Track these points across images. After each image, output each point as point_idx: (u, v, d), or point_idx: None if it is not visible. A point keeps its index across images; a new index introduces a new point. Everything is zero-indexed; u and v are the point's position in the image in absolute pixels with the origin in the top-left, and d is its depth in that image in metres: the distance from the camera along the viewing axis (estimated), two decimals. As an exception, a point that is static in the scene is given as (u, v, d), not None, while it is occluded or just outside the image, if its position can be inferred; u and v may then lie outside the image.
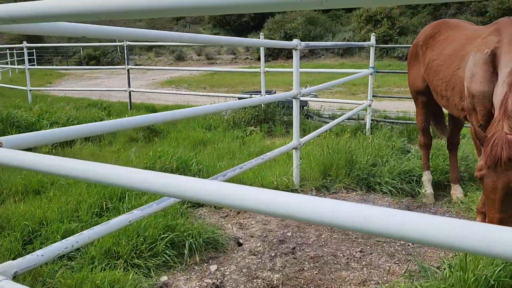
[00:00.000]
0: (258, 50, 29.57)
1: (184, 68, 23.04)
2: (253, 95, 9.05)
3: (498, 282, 2.64)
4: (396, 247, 3.72)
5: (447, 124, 5.07)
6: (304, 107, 9.66)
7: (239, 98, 9.93)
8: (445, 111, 4.88)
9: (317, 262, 3.51)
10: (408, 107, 10.80)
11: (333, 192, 5.05)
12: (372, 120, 8.34)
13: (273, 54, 29.21)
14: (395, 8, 28.55)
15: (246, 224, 4.19)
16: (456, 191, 4.75)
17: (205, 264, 3.41)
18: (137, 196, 4.14)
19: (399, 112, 10.29)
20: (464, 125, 5.06)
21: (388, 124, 8.34)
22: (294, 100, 5.09)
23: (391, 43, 26.23)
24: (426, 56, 4.32)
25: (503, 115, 2.92)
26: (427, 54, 4.31)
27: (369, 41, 8.14)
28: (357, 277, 3.27)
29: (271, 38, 25.29)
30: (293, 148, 5.16)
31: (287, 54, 28.78)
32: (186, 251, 3.37)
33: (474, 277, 2.58)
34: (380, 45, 9.71)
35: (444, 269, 2.82)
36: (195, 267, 3.35)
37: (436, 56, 4.10)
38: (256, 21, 33.15)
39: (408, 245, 3.74)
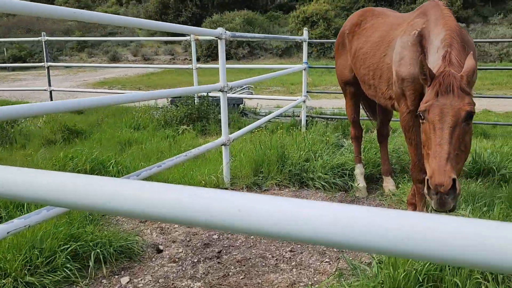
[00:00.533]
0: (196, 51, 29.05)
1: (112, 65, 21.77)
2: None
3: (428, 276, 2.48)
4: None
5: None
6: (240, 105, 9.40)
7: (172, 97, 9.49)
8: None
9: (244, 265, 3.22)
10: (344, 104, 10.90)
11: (265, 190, 4.80)
12: (307, 116, 8.24)
13: (212, 55, 28.79)
14: (330, 10, 29.23)
15: (168, 228, 3.81)
16: (388, 184, 4.67)
17: (116, 277, 2.99)
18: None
19: (335, 109, 10.34)
20: (393, 118, 5.02)
21: (323, 120, 8.28)
22: (221, 93, 4.78)
23: (327, 44, 26.76)
24: (353, 45, 4.19)
25: (448, 64, 2.75)
26: (354, 42, 4.18)
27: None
28: (285, 279, 3.01)
29: (209, 41, 24.92)
30: (222, 145, 4.85)
31: (226, 56, 28.48)
32: (91, 263, 2.93)
33: (405, 273, 2.40)
34: (313, 40, 9.68)
35: (374, 266, 2.62)
36: (103, 280, 2.93)
37: (362, 44, 3.97)
38: (194, 21, 32.56)
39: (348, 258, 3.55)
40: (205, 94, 8.57)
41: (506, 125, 7.85)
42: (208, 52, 28.47)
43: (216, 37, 4.64)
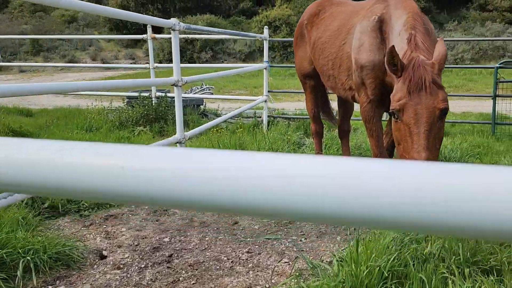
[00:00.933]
0: (158, 55, 28.46)
1: (67, 65, 20.84)
2: (142, 93, 8.28)
3: (392, 272, 2.30)
4: (287, 244, 3.30)
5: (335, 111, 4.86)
6: (200, 106, 9.11)
7: (128, 97, 9.09)
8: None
9: (197, 269, 2.95)
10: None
11: (223, 190, 4.54)
12: (269, 116, 8.06)
13: (175, 59, 28.33)
14: (292, 15, 29.42)
15: (114, 232, 3.48)
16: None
17: (49, 287, 2.65)
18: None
19: (297, 110, 10.23)
20: (353, 117, 4.89)
21: (285, 120, 8.12)
22: (175, 88, 4.50)
23: (290, 48, 26.88)
24: (312, 35, 4.02)
25: (414, 48, 2.61)
26: (312, 33, 4.01)
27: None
28: (241, 282, 2.76)
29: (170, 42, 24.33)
30: (177, 143, 4.56)
31: (188, 59, 28.07)
32: (18, 273, 2.57)
33: (367, 270, 2.20)
34: (273, 39, 9.57)
35: (334, 264, 2.42)
36: (33, 292, 2.58)
37: (321, 34, 3.81)
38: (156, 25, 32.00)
39: (300, 240, 3.35)
40: (163, 94, 8.25)
41: (464, 123, 7.98)
42: (170, 56, 27.90)
43: (170, 28, 4.36)
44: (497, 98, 7.55)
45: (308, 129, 7.21)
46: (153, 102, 8.05)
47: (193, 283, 2.76)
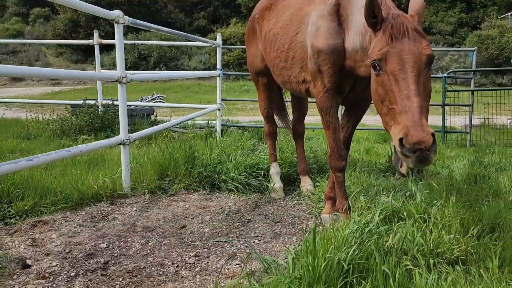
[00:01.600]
0: (109, 69, 27.57)
1: None
2: (87, 101, 7.80)
3: (353, 265, 2.08)
4: (239, 246, 3.01)
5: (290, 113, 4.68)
6: (151, 116, 8.71)
7: (72, 106, 8.57)
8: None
9: (136, 276, 2.60)
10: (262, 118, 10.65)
11: (171, 194, 4.21)
12: (222, 125, 7.81)
13: (127, 75, 27.57)
14: (248, 33, 29.64)
15: (42, 239, 3.06)
16: (306, 183, 4.33)
17: (-48, 300, 2.21)
18: None
19: (252, 122, 10.06)
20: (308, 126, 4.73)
21: (239, 129, 7.90)
22: (119, 85, 4.16)
23: (245, 65, 26.99)
24: (263, 29, 3.84)
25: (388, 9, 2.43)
26: (264, 26, 3.84)
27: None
28: (186, 287, 2.44)
29: (125, 59, 23.58)
30: (120, 144, 4.19)
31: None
32: None
33: (325, 262, 1.97)
34: (227, 46, 9.47)
35: (289, 259, 2.16)
36: None
37: (272, 25, 3.64)
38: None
39: (253, 242, 3.08)
40: (110, 102, 7.82)
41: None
42: (123, 72, 27.17)
43: (112, 20, 4.04)
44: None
45: (262, 137, 7.02)
46: (99, 110, 7.60)
47: (131, 291, 2.41)
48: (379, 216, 2.53)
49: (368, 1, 2.28)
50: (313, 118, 9.56)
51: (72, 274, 2.59)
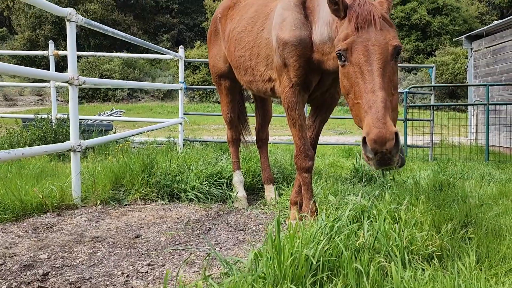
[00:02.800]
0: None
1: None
2: (39, 116, 7.36)
3: (322, 263, 1.88)
4: (198, 253, 2.75)
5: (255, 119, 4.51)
6: (109, 131, 8.33)
7: (23, 120, 8.10)
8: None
9: (79, 287, 2.28)
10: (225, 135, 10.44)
11: (126, 205, 3.89)
12: (185, 140, 7.55)
13: (87, 96, 26.81)
14: (212, 56, 29.72)
15: (-28, 250, 2.68)
16: (270, 192, 4.14)
17: None
18: None
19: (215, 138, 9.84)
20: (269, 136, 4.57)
21: (202, 144, 7.65)
22: (70, 87, 3.87)
23: (210, 89, 26.89)
24: (226, 28, 3.70)
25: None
26: (227, 25, 3.69)
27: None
28: (136, 297, 2.16)
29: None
30: (70, 150, 3.87)
31: (103, 97, 26.77)
32: None
33: (292, 257, 1.76)
34: (190, 59, 9.28)
35: (250, 256, 1.93)
36: None
37: (236, 24, 3.49)
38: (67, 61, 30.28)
39: (214, 249, 2.82)
40: (65, 116, 7.41)
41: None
42: (83, 93, 26.45)
43: (64, 18, 3.79)
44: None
45: (226, 151, 6.80)
46: (53, 124, 7.17)
47: (72, 303, 2.10)
48: (348, 214, 2.36)
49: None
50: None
51: (4, 287, 2.24)
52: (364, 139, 1.99)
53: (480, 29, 10.55)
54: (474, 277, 1.82)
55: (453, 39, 15.09)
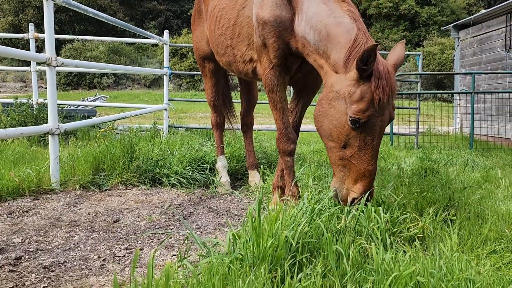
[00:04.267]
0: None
1: None
2: (18, 101, 7.18)
3: (302, 244, 1.83)
4: (178, 237, 2.70)
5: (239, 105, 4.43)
6: (93, 117, 8.17)
7: (3, 105, 7.90)
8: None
9: (53, 271, 2.21)
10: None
11: (107, 190, 3.81)
12: (169, 126, 7.44)
13: (72, 83, 26.34)
14: (200, 44, 29.38)
15: None
16: (254, 178, 4.09)
17: None
18: None
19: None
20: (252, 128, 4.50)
21: (187, 130, 7.55)
22: (47, 68, 3.74)
23: (197, 76, 26.62)
24: (209, 7, 3.59)
25: (364, 34, 2.37)
26: (209, 5, 3.58)
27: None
28: (111, 281, 2.09)
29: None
30: (48, 133, 3.76)
31: (88, 84, 26.33)
32: None
33: (273, 239, 1.70)
34: (176, 44, 9.16)
35: (228, 237, 1.88)
36: None
37: (218, 1, 3.38)
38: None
39: (195, 232, 2.77)
40: (46, 101, 7.23)
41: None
42: (68, 80, 26.02)
43: (40, -4, 3.64)
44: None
45: (211, 137, 6.73)
46: (34, 109, 7.00)
47: (44, 287, 2.03)
48: (330, 196, 2.31)
49: (368, 49, 2.13)
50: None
51: (-27, 271, 2.16)
52: (353, 197, 2.29)
53: (467, 18, 10.57)
54: (455, 259, 1.79)
55: (441, 29, 15.12)
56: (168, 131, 7.14)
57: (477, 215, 2.51)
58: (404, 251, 1.96)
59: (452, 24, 11.11)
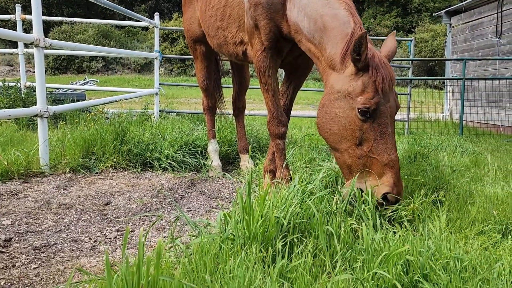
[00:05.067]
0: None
1: None
2: (4, 83, 7.07)
3: (293, 224, 1.85)
4: (169, 219, 2.70)
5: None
6: (82, 101, 8.07)
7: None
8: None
9: (44, 253, 2.20)
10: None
11: (97, 173, 3.79)
12: (160, 111, 7.39)
13: (61, 67, 25.95)
14: (191, 29, 29.02)
15: None
16: (246, 162, 4.09)
17: None
18: None
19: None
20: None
21: (178, 114, 7.51)
22: (35, 49, 3.68)
23: (189, 61, 26.39)
24: (200, -12, 3.54)
25: (360, 28, 2.36)
26: (201, -15, 3.53)
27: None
28: (103, 261, 2.09)
29: (59, 56, 21.78)
30: (36, 116, 3.71)
31: (77, 69, 25.95)
32: None
33: (262, 219, 1.71)
34: (166, 27, 9.07)
35: (219, 218, 1.88)
36: None
37: None
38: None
39: (183, 212, 2.77)
40: (34, 84, 7.12)
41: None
42: (56, 64, 25.63)
43: (27, -25, 3.55)
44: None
45: (203, 122, 6.70)
46: (22, 92, 6.90)
47: (35, 267, 2.02)
48: (322, 177, 2.32)
49: (358, 39, 2.15)
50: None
51: (-38, 252, 2.14)
52: (385, 194, 2.18)
53: (459, 4, 10.56)
54: (444, 239, 1.82)
55: (433, 15, 15.12)
56: (159, 115, 7.09)
57: (466, 197, 2.55)
58: (394, 232, 1.98)
59: (444, 10, 11.11)
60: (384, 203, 2.18)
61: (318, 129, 2.45)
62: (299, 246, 1.73)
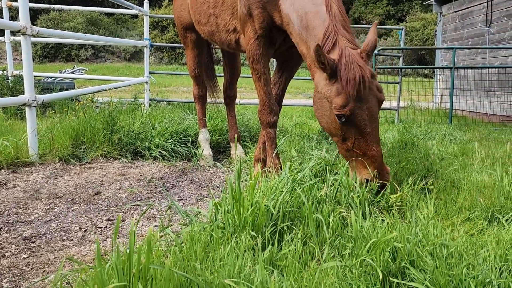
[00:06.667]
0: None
1: None
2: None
3: (283, 212, 1.86)
4: (160, 208, 2.70)
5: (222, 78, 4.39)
6: (71, 89, 7.98)
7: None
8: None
9: (33, 242, 2.20)
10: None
11: (87, 162, 3.77)
12: (151, 100, 7.34)
13: (49, 55, 25.58)
14: (181, 16, 28.69)
15: None
16: (237, 151, 4.09)
17: None
18: None
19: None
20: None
21: (169, 103, 7.47)
22: (22, 37, 3.62)
23: (179, 49, 26.15)
24: (191, -25, 3.49)
25: (334, 25, 2.34)
26: (192, -29, 3.48)
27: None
28: (93, 251, 2.09)
29: (47, 44, 21.27)
30: (24, 105, 3.67)
31: (66, 57, 25.60)
32: None
33: (252, 207, 1.72)
34: (155, 15, 9.00)
35: (210, 206, 1.89)
36: None
37: None
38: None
39: (173, 201, 2.78)
40: (22, 73, 7.02)
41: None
42: (44, 52, 25.25)
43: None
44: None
45: (194, 110, 6.67)
46: (9, 80, 6.80)
47: (25, 257, 2.02)
48: (312, 166, 2.34)
49: (315, 50, 2.19)
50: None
51: (-50, 243, 2.13)
52: (366, 180, 2.27)
53: (449, -7, 10.57)
54: (431, 226, 1.85)
55: (424, 3, 15.13)
56: (150, 104, 7.05)
57: (453, 185, 2.58)
58: (383, 220, 2.01)
59: (435, -1, 11.11)
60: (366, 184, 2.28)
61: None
62: (289, 234, 1.74)
